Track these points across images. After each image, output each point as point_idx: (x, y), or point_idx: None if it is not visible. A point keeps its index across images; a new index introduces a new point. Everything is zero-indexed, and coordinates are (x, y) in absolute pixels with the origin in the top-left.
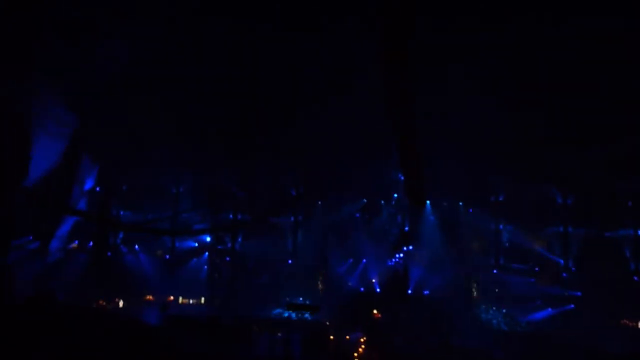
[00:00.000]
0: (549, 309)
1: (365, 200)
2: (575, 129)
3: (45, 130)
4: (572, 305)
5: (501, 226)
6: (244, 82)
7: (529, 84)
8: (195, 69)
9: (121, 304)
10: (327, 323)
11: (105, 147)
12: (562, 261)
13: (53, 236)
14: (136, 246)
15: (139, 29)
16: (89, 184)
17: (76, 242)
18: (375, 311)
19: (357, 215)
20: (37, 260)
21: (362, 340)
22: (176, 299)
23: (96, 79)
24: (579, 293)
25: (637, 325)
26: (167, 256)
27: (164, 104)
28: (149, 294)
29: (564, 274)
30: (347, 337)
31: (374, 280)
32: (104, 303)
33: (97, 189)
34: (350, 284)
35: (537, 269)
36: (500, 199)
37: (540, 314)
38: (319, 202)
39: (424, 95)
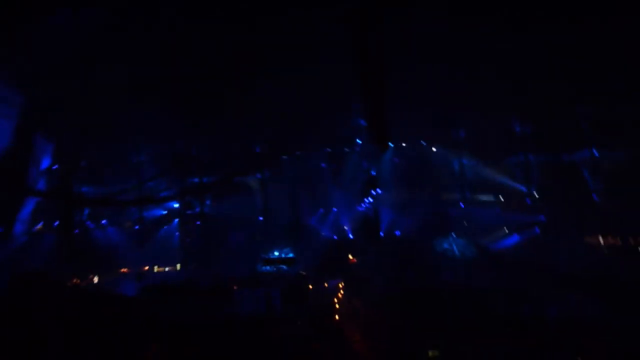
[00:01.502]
0: (516, 235)
1: (329, 150)
2: (529, 60)
3: None
4: (537, 229)
5: (464, 161)
6: (199, 44)
7: (484, 18)
8: (150, 33)
9: (96, 279)
10: (304, 274)
11: (58, 123)
12: (524, 188)
13: (16, 219)
14: (103, 220)
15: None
16: (45, 163)
17: (41, 223)
18: (350, 256)
19: (323, 165)
20: (3, 245)
21: (340, 285)
22: (151, 268)
23: (43, 53)
24: (543, 217)
25: (599, 241)
26: (137, 226)
27: (116, 71)
28: (123, 267)
29: (528, 200)
30: (326, 284)
31: (346, 227)
32: (78, 281)
33: (55, 166)
34: (323, 233)
35: (502, 198)
36: (462, 134)
37: (509, 241)
38: (284, 157)
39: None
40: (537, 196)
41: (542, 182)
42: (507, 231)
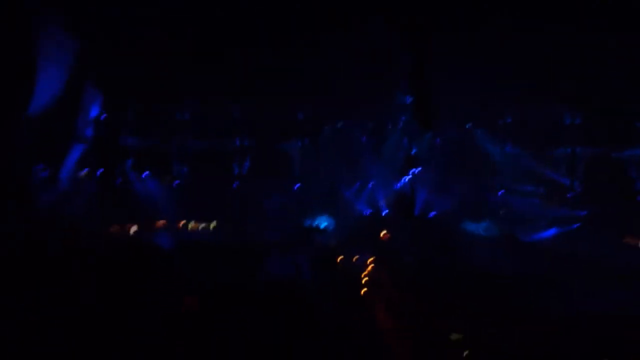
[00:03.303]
0: (554, 229)
1: (372, 124)
2: (587, 46)
3: (47, 57)
4: (576, 224)
5: (508, 148)
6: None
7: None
8: None
9: (134, 229)
10: (335, 245)
11: (109, 73)
12: (568, 182)
13: (63, 165)
14: (145, 172)
15: None
16: (94, 112)
17: (85, 170)
18: (383, 232)
19: (364, 139)
20: (49, 188)
21: (370, 260)
22: (187, 224)
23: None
24: (583, 213)
25: (638, 243)
26: (177, 181)
27: (167, 25)
28: (160, 219)
29: (570, 195)
30: (355, 258)
31: (381, 203)
32: (117, 229)
33: (103, 116)
34: (357, 207)
35: (542, 190)
36: (508, 120)
37: (545, 233)
38: (326, 127)
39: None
40: (579, 191)
41: (586, 177)
42: (544, 223)
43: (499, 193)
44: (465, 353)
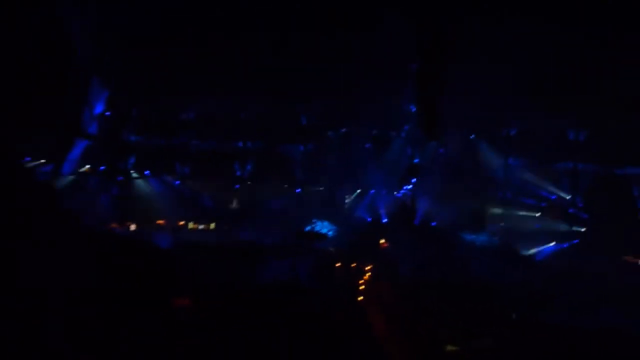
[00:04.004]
0: (553, 244)
1: (375, 131)
2: (592, 64)
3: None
4: (576, 241)
5: (510, 160)
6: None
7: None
8: None
9: (133, 227)
10: (334, 250)
11: (115, 71)
12: (569, 197)
13: (65, 159)
14: (147, 171)
15: None
16: (99, 109)
17: (87, 166)
18: (382, 241)
19: (367, 146)
20: (51, 182)
21: (368, 268)
22: (186, 224)
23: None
24: (584, 229)
25: (638, 262)
26: (177, 182)
27: (174, 26)
28: (160, 219)
29: (571, 210)
30: (354, 264)
31: (381, 211)
32: (117, 226)
33: (108, 113)
34: (358, 214)
35: (543, 204)
36: (512, 133)
37: (544, 247)
38: (330, 132)
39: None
40: (581, 207)
41: (588, 194)
42: (544, 237)
43: (500, 205)
44: None
